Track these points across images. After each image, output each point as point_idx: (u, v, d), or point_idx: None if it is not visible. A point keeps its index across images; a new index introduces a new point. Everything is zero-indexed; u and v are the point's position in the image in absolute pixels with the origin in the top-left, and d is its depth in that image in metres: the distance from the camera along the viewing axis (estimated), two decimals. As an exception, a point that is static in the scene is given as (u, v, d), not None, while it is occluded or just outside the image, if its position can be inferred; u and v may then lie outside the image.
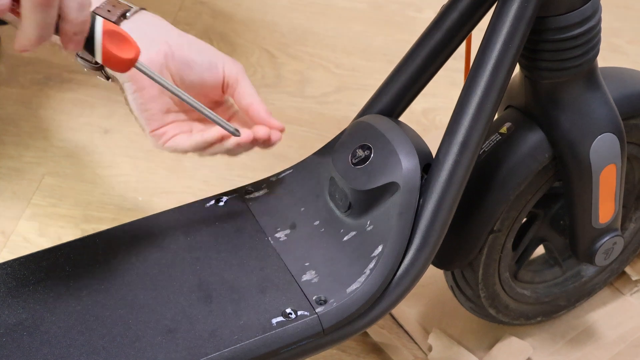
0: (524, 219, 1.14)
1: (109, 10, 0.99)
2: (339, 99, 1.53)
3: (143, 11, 1.01)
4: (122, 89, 1.00)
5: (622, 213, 1.19)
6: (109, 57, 0.90)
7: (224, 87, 1.03)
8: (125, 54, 0.90)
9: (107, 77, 1.01)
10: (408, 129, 1.03)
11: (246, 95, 1.03)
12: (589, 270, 1.23)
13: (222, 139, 1.00)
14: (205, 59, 1.01)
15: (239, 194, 1.07)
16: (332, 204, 1.03)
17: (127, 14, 0.99)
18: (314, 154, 1.09)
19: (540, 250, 1.21)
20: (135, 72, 0.94)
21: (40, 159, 1.46)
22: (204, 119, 1.03)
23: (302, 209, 1.04)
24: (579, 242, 1.12)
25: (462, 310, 1.22)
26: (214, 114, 0.97)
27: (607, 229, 1.11)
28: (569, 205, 1.09)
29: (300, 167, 1.08)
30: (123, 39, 0.90)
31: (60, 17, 0.85)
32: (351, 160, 1.01)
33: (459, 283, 1.15)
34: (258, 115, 1.03)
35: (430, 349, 1.22)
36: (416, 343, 1.24)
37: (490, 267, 1.12)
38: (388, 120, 1.03)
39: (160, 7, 1.70)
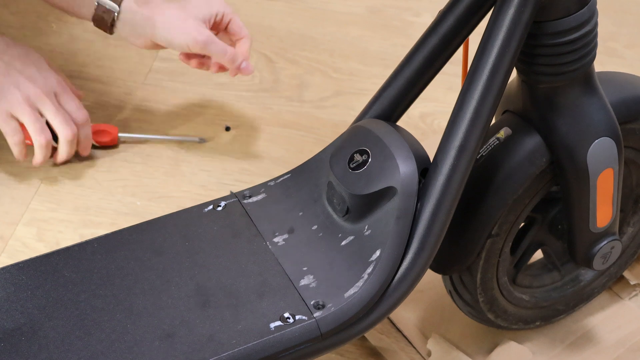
0: (522, 224, 1.14)
1: None
2: (337, 103, 1.53)
3: None
4: None
5: (620, 217, 1.19)
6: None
7: (216, 20, 1.31)
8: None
9: None
10: (406, 133, 1.03)
11: (237, 28, 1.33)
12: (587, 275, 1.23)
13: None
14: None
15: (237, 199, 1.07)
16: (330, 209, 1.03)
17: None
18: (312, 158, 1.09)
19: (538, 254, 1.21)
20: None
21: (39, 164, 1.46)
22: None
23: (300, 214, 1.04)
24: (577, 246, 1.12)
25: (461, 315, 1.22)
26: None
27: (605, 233, 1.11)
28: (566, 210, 1.09)
29: (298, 172, 1.08)
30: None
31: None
32: (349, 164, 1.01)
33: (457, 287, 1.15)
34: (241, 48, 1.32)
35: (429, 354, 1.22)
36: (414, 347, 1.24)
37: (488, 272, 1.12)
38: (386, 124, 1.03)
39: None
